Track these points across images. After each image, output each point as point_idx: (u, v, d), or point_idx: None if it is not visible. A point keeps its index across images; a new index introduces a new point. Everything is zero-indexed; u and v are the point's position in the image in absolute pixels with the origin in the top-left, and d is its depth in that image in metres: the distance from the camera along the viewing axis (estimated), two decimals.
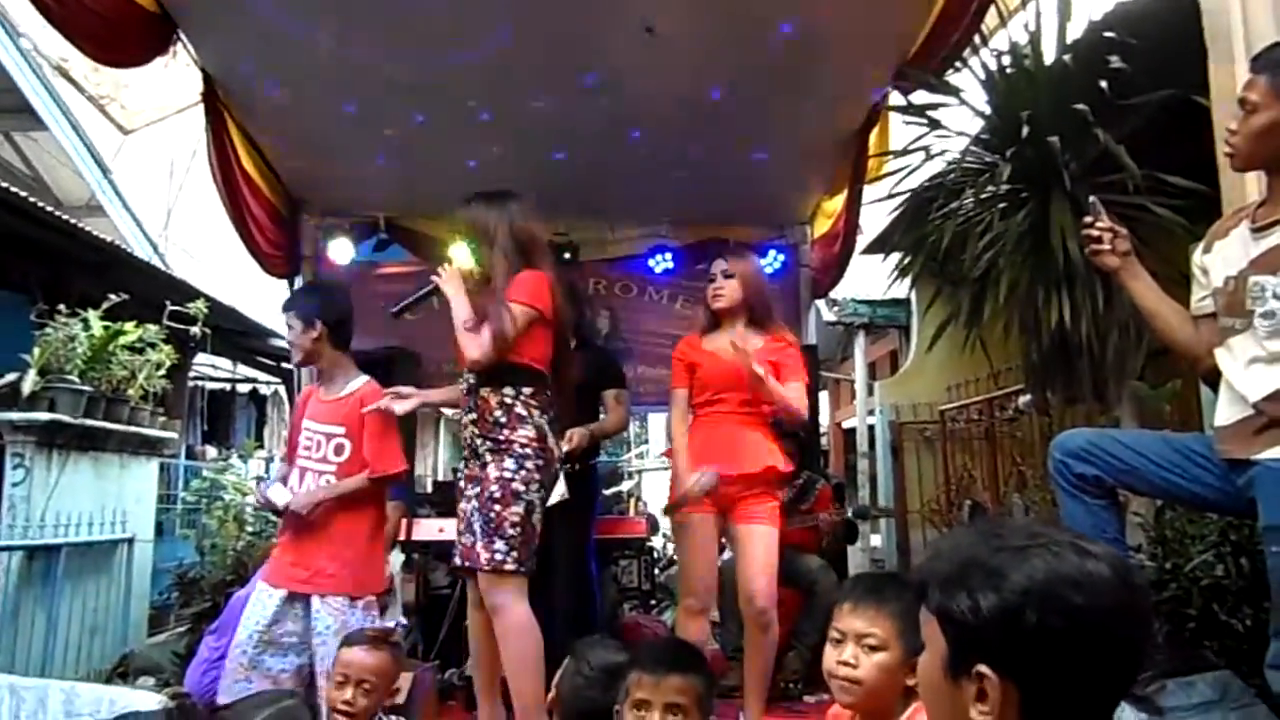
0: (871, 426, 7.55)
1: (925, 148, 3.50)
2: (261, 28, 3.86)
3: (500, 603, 2.86)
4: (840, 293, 7.62)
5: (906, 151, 3.57)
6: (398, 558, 4.59)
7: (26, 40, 7.41)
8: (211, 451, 8.85)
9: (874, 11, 3.81)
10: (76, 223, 5.98)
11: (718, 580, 3.46)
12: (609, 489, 6.53)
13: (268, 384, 10.68)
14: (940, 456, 6.63)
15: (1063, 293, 3.05)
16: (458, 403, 3.18)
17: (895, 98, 4.30)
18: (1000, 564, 0.96)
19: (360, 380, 3.27)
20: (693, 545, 3.36)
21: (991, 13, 3.55)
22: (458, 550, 2.98)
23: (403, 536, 4.64)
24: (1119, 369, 3.14)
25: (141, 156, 9.79)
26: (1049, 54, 3.25)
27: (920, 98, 3.85)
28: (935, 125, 3.51)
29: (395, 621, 3.39)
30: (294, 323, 3.27)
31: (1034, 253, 3.12)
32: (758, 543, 3.30)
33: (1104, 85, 3.05)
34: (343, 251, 5.88)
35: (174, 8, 3.74)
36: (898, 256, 3.75)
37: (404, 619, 3.95)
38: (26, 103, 7.49)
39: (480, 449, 2.97)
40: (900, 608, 1.67)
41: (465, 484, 3.01)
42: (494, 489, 2.88)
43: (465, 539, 2.94)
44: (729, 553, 3.72)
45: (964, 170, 3.47)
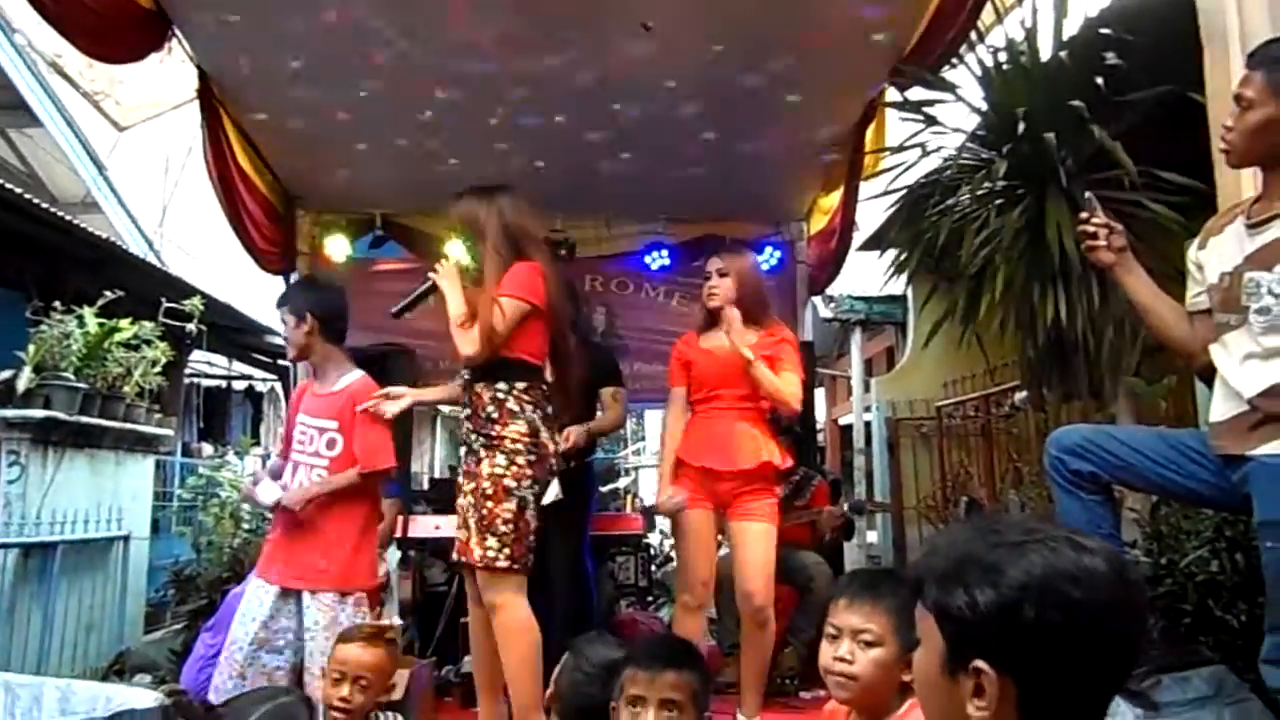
0: (868, 423, 7.54)
1: (922, 144, 3.50)
2: (257, 24, 3.85)
3: (497, 600, 2.86)
4: (837, 289, 7.62)
5: (903, 148, 3.57)
6: (394, 555, 4.58)
7: (21, 36, 7.38)
8: (207, 449, 8.83)
9: (871, 8, 3.81)
10: (72, 219, 5.96)
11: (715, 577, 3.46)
12: (605, 486, 6.55)
13: (264, 381, 10.67)
14: (936, 453, 6.62)
15: (1059, 289, 3.05)
16: (454, 400, 3.18)
17: (892, 94, 4.30)
18: (997, 559, 0.96)
19: (354, 375, 3.26)
20: (690, 542, 3.37)
21: (988, 9, 3.55)
22: (456, 545, 2.99)
23: (399, 533, 4.64)
24: (1115, 365, 3.15)
25: (137, 153, 9.78)
26: (1045, 50, 3.25)
27: (917, 94, 3.85)
28: (931, 122, 3.51)
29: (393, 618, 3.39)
30: (287, 318, 3.28)
31: (1030, 249, 3.12)
32: (755, 540, 3.30)
33: (1100, 82, 3.05)
34: (339, 248, 5.89)
35: (169, 4, 3.73)
36: (894, 253, 3.75)
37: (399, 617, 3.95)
38: (21, 99, 7.46)
39: (475, 445, 2.98)
40: (896, 604, 1.67)
41: (463, 480, 3.02)
42: (486, 485, 2.88)
43: (461, 535, 2.94)
44: (726, 549, 3.72)
45: (960, 167, 3.47)
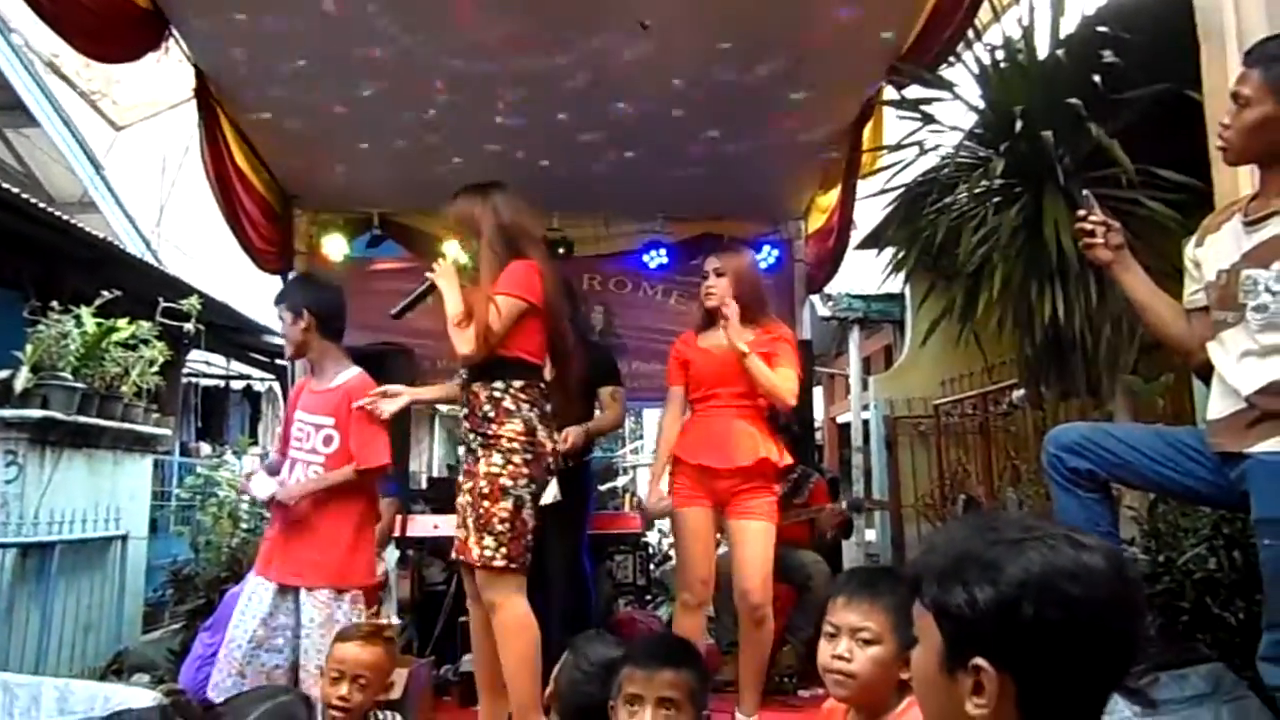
0: (866, 421, 7.54)
1: (919, 142, 3.50)
2: (254, 23, 3.84)
3: (495, 599, 2.87)
4: (835, 288, 7.63)
5: (900, 146, 3.57)
6: (393, 554, 4.58)
7: (18, 36, 7.38)
8: (206, 448, 8.84)
9: (868, 6, 3.81)
10: (69, 219, 5.96)
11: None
12: (604, 485, 6.54)
13: (261, 380, 10.67)
14: (934, 451, 6.62)
15: (1056, 287, 3.06)
16: (451, 399, 3.18)
17: (889, 92, 4.29)
18: (996, 557, 0.96)
19: (350, 372, 3.26)
20: (689, 540, 3.37)
21: (985, 7, 3.55)
22: (456, 544, 2.99)
23: (398, 532, 4.64)
24: (1112, 363, 3.15)
25: (134, 152, 9.78)
26: (1042, 49, 3.25)
27: (914, 92, 3.85)
28: (929, 120, 3.51)
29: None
30: (284, 314, 3.28)
31: (1027, 247, 3.12)
32: (753, 538, 3.30)
33: (1097, 80, 3.05)
34: (336, 248, 5.88)
35: (166, 3, 3.72)
36: (892, 251, 3.76)
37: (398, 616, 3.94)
38: (18, 99, 7.46)
39: (473, 444, 2.98)
40: (894, 602, 1.66)
41: (462, 479, 3.02)
42: (483, 484, 2.88)
43: (461, 534, 2.94)
44: (724, 547, 3.72)
45: (958, 165, 3.47)
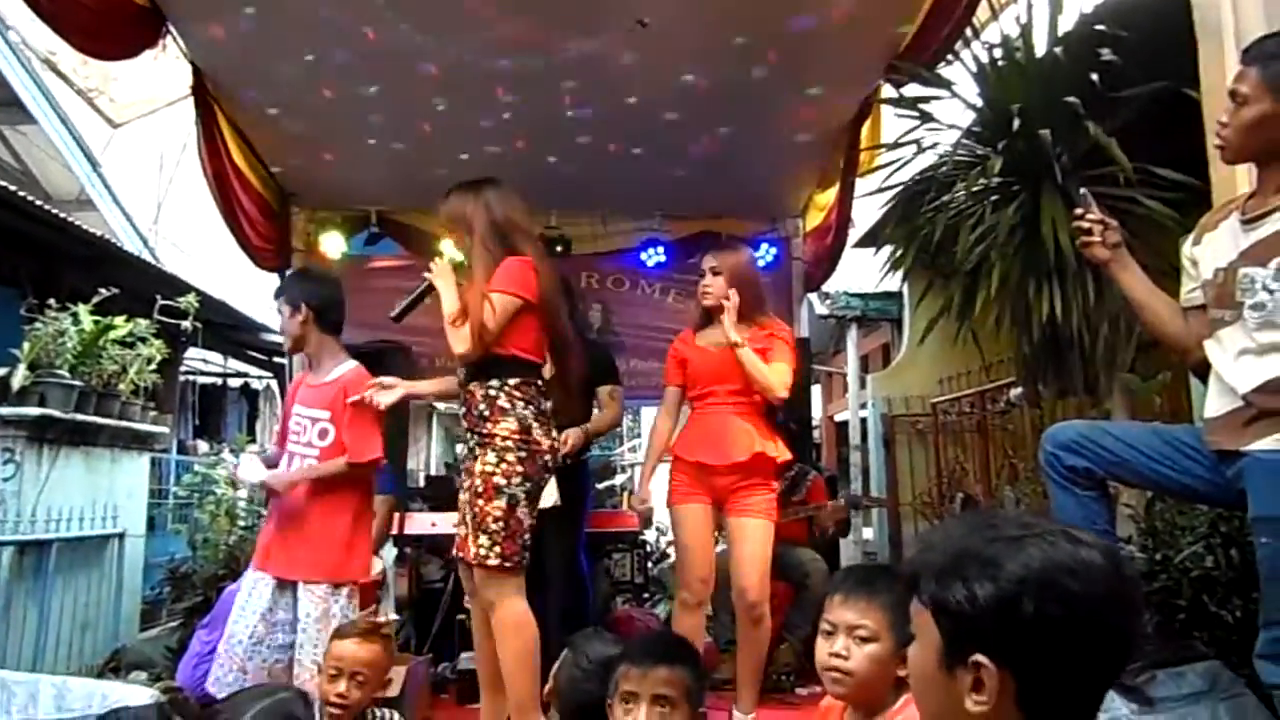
0: (864, 419, 7.55)
1: (917, 141, 3.50)
2: (251, 20, 3.83)
3: (493, 597, 2.86)
4: (832, 286, 7.64)
5: (898, 144, 3.56)
6: (390, 552, 4.58)
7: (14, 33, 7.36)
8: (203, 446, 8.84)
9: (866, 4, 3.82)
10: (66, 217, 5.96)
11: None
12: (601, 483, 6.54)
13: (259, 378, 10.66)
14: (932, 449, 6.62)
15: (1054, 285, 3.06)
16: (447, 393, 3.18)
17: (887, 91, 4.30)
18: (995, 554, 0.96)
19: (347, 365, 3.25)
20: (688, 538, 3.37)
21: (983, 6, 3.55)
22: (456, 541, 2.99)
23: (395, 530, 4.64)
24: (1109, 361, 3.15)
25: (131, 150, 9.77)
26: (1040, 47, 3.24)
27: (912, 91, 3.85)
28: (927, 118, 3.50)
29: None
30: (283, 308, 3.29)
31: (1025, 245, 3.12)
32: (751, 536, 3.30)
33: (1095, 78, 3.04)
34: (334, 245, 5.88)
35: (163, 0, 3.72)
36: (889, 250, 3.75)
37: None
38: (15, 96, 7.46)
39: (470, 443, 2.98)
40: (892, 599, 1.66)
41: (463, 476, 3.02)
42: (478, 483, 2.87)
43: (460, 531, 2.95)
44: (722, 545, 3.72)
45: (955, 163, 3.47)
